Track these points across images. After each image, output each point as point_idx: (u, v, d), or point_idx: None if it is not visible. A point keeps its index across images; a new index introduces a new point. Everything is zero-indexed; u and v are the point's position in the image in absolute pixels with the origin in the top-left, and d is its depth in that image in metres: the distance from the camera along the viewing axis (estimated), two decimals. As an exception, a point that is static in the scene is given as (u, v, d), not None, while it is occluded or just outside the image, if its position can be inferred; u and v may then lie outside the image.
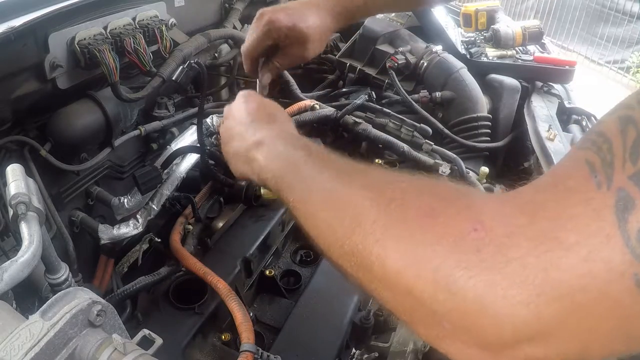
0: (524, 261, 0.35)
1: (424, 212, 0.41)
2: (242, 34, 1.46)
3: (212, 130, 1.46)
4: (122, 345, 0.52)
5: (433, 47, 1.72)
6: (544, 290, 0.34)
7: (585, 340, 0.35)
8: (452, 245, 0.38)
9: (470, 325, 0.38)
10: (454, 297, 0.37)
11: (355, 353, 1.00)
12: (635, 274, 0.31)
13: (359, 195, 0.46)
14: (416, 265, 0.39)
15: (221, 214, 1.28)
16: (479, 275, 0.36)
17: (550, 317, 0.34)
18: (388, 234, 0.42)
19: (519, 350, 0.36)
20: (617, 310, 0.33)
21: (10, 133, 1.04)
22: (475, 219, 0.38)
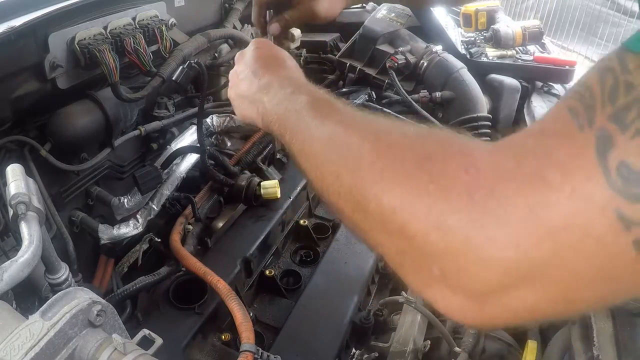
0: (512, 202, 0.35)
1: (421, 156, 0.42)
2: (242, 34, 1.46)
3: (212, 130, 1.46)
4: (122, 345, 0.52)
5: (433, 47, 1.72)
6: (531, 230, 0.34)
7: (571, 283, 0.35)
8: (444, 186, 0.39)
9: (459, 268, 0.38)
10: (444, 237, 0.38)
11: (355, 353, 1.00)
12: (617, 209, 0.32)
13: (359, 139, 0.47)
14: (410, 204, 0.40)
15: (221, 214, 1.28)
16: (469, 216, 0.37)
17: (537, 257, 0.35)
18: (386, 175, 0.43)
19: (505, 297, 0.37)
20: (600, 249, 0.33)
21: (10, 133, 1.04)
22: (468, 162, 0.39)
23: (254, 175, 1.27)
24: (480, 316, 0.39)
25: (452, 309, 0.41)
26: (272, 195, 1.23)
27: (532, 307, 0.37)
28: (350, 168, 0.46)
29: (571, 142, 0.34)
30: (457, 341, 1.02)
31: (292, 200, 1.31)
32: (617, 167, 0.32)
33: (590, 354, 0.91)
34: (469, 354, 0.98)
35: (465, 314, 0.40)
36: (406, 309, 1.10)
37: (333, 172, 0.48)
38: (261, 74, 0.70)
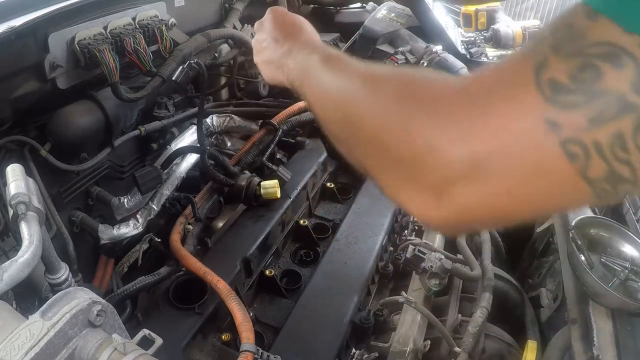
0: (465, 111, 0.44)
1: (401, 86, 0.53)
2: (242, 34, 1.46)
3: (212, 130, 1.46)
4: (122, 345, 0.52)
5: (433, 47, 1.72)
6: (478, 130, 0.43)
7: (511, 177, 0.42)
8: (418, 103, 0.49)
9: (421, 164, 0.47)
10: (410, 141, 0.47)
11: (355, 353, 1.00)
12: (546, 114, 0.39)
13: (358, 80, 0.59)
14: (389, 117, 0.51)
15: (221, 214, 1.28)
16: (431, 121, 0.46)
17: (482, 152, 0.42)
18: (377, 103, 0.54)
19: (458, 190, 0.44)
20: (533, 147, 0.40)
21: (10, 133, 1.04)
22: (438, 82, 0.49)
23: (254, 175, 1.27)
24: (440, 212, 0.47)
25: (418, 207, 0.49)
26: (272, 195, 1.23)
27: (481, 200, 0.44)
28: (345, 99, 0.58)
29: (518, 65, 0.43)
30: (457, 341, 1.02)
31: (292, 200, 1.31)
32: (548, 82, 0.40)
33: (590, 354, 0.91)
34: (469, 354, 0.98)
35: (429, 210, 0.48)
36: (406, 309, 1.10)
37: (333, 103, 0.60)
38: (282, 41, 0.82)
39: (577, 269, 1.01)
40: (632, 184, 0.40)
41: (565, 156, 0.39)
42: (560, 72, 0.39)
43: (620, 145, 0.38)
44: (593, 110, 0.38)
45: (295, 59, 0.76)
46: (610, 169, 0.39)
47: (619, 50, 0.37)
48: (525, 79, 0.41)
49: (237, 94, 1.68)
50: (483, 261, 1.21)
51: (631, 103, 0.37)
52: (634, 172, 0.39)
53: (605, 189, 0.41)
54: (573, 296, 1.05)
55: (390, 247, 1.35)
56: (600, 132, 0.38)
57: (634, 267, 1.01)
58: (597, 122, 0.38)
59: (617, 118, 0.37)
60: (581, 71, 0.38)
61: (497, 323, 1.15)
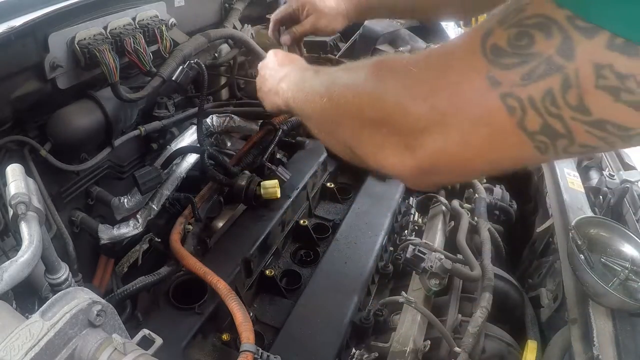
0: (426, 72, 0.53)
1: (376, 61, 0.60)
2: (242, 34, 1.46)
3: (212, 130, 1.46)
4: (122, 345, 0.52)
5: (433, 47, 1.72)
6: (436, 87, 0.50)
7: (465, 126, 0.49)
8: (389, 72, 0.57)
9: (393, 122, 0.55)
10: (383, 101, 0.56)
11: (355, 353, 1.00)
12: (487, 73, 0.46)
13: (341, 71, 0.68)
14: (364, 87, 0.59)
15: (221, 214, 1.28)
16: (399, 83, 0.55)
17: (440, 106, 0.50)
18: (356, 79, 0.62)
19: (426, 141, 0.52)
20: (478, 101, 0.47)
21: (10, 133, 1.04)
22: (406, 57, 0.56)
23: (254, 175, 1.27)
24: (413, 162, 0.54)
25: (394, 162, 0.56)
26: (272, 195, 1.23)
27: (444, 148, 0.51)
28: (329, 86, 0.67)
29: (470, 35, 0.50)
30: (457, 341, 1.02)
31: (292, 200, 1.31)
32: (490, 47, 0.47)
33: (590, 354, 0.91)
34: (469, 354, 0.98)
35: (404, 162, 0.55)
36: (406, 309, 1.10)
37: (320, 96, 0.68)
38: (279, 69, 0.92)
39: (577, 269, 1.01)
40: (568, 139, 0.45)
41: (504, 108, 0.46)
42: (501, 39, 0.46)
43: (551, 100, 0.43)
44: (525, 69, 0.44)
45: (289, 80, 0.84)
46: (544, 122, 0.45)
47: (551, 21, 0.43)
48: (474, 45, 0.48)
49: (237, 94, 1.68)
50: (483, 261, 1.21)
51: (557, 64, 0.42)
52: (566, 126, 0.44)
53: (543, 142, 0.46)
54: (573, 296, 1.05)
55: (390, 247, 1.35)
56: (532, 88, 0.44)
57: (634, 267, 1.01)
58: (529, 79, 0.44)
59: (546, 76, 0.43)
60: (517, 38, 0.45)
61: (497, 323, 1.14)
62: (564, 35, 0.42)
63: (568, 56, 0.42)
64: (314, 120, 0.73)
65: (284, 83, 0.86)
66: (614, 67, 0.40)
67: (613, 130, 0.43)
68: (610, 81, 0.41)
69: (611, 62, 0.40)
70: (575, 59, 0.42)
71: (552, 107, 0.44)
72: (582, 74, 0.42)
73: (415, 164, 0.54)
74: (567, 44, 0.42)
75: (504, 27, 0.46)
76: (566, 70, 0.42)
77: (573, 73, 0.42)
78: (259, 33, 1.72)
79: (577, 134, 0.44)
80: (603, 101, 0.42)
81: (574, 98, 0.43)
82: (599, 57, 0.41)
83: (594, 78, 0.41)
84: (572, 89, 0.42)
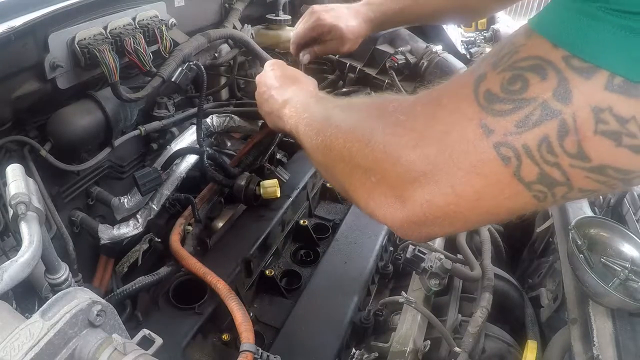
0: (415, 119, 0.50)
1: (367, 104, 0.61)
2: (242, 34, 1.46)
3: (212, 130, 1.46)
4: (122, 345, 0.52)
5: (433, 47, 1.72)
6: (425, 135, 0.49)
7: (455, 176, 0.47)
8: (377, 117, 0.56)
9: (383, 170, 0.53)
10: (371, 149, 0.53)
11: (355, 353, 1.00)
12: (481, 120, 0.44)
13: (336, 108, 0.68)
14: (355, 132, 0.58)
15: (221, 214, 1.28)
16: (388, 130, 0.53)
17: (430, 154, 0.48)
18: (346, 122, 0.61)
19: (415, 192, 0.49)
20: (471, 148, 0.45)
21: (10, 133, 1.04)
22: (395, 102, 0.55)
23: (253, 175, 1.27)
24: (404, 214, 0.52)
25: (385, 212, 0.54)
26: (272, 194, 1.23)
27: (435, 199, 0.49)
28: (324, 124, 0.66)
29: (462, 79, 0.48)
30: (457, 341, 1.02)
31: (292, 200, 1.31)
32: (484, 92, 0.44)
33: (590, 354, 0.91)
34: (469, 354, 0.98)
35: (395, 213, 0.53)
36: (406, 309, 1.10)
37: (315, 132, 0.67)
38: (281, 93, 0.91)
39: (577, 269, 1.01)
40: (567, 186, 0.43)
41: (498, 158, 0.43)
42: (494, 84, 0.44)
43: (548, 148, 0.41)
44: (519, 116, 0.41)
45: (293, 106, 0.83)
46: (541, 171, 0.42)
47: (546, 62, 0.40)
48: (467, 90, 0.46)
49: (237, 94, 1.68)
50: (483, 261, 1.21)
51: (553, 109, 0.40)
52: (565, 174, 0.42)
53: (541, 191, 0.44)
54: (573, 296, 1.05)
55: (390, 247, 1.35)
56: (527, 136, 0.41)
57: (634, 267, 1.01)
58: (523, 126, 0.41)
59: (541, 123, 0.40)
60: (511, 82, 0.42)
61: (497, 323, 1.15)
62: (560, 77, 0.40)
63: (565, 100, 0.39)
64: (311, 155, 0.72)
65: (287, 109, 0.85)
66: (614, 110, 0.38)
67: (614, 174, 0.41)
68: (611, 125, 0.38)
69: (611, 105, 0.38)
70: (572, 102, 0.39)
71: (549, 155, 0.41)
72: (580, 119, 0.39)
73: (406, 216, 0.52)
74: (564, 87, 0.39)
75: (497, 71, 0.44)
76: (563, 115, 0.39)
77: (570, 118, 0.39)
78: (259, 33, 1.72)
79: (575, 180, 0.42)
80: (603, 147, 0.39)
81: (572, 145, 0.40)
82: (597, 99, 0.38)
83: (593, 123, 0.39)
84: (569, 135, 0.40)
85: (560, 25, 0.40)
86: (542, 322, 1.19)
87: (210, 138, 1.52)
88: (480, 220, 0.53)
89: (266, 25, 1.75)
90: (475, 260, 1.21)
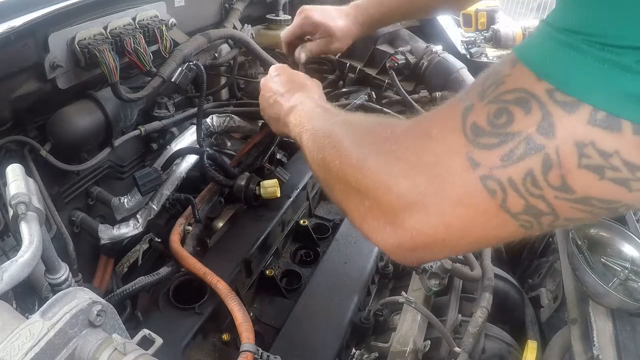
0: (406, 150, 0.51)
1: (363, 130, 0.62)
2: (242, 34, 1.46)
3: (212, 130, 1.46)
4: (122, 345, 0.52)
5: (433, 47, 1.72)
6: (415, 166, 0.50)
7: (443, 206, 0.48)
8: (371, 143, 0.57)
9: (375, 197, 0.54)
10: (365, 175, 0.55)
11: (355, 353, 1.00)
12: (467, 153, 0.45)
13: (335, 125, 0.68)
14: (350, 158, 0.59)
15: (221, 214, 1.28)
16: (380, 158, 0.54)
17: (419, 184, 0.49)
18: (343, 147, 0.62)
19: (406, 220, 0.51)
20: (458, 180, 0.46)
21: (10, 133, 1.04)
22: (389, 127, 0.56)
23: (253, 175, 1.27)
24: (396, 239, 0.53)
25: (378, 236, 0.55)
26: (272, 194, 1.23)
27: (425, 228, 0.50)
28: (324, 143, 0.67)
29: (451, 109, 0.49)
30: (457, 341, 1.02)
31: (292, 200, 1.31)
32: (471, 125, 0.45)
33: (590, 354, 0.91)
34: (469, 354, 0.98)
35: (388, 239, 0.54)
36: (406, 309, 1.10)
37: (318, 150, 0.69)
38: (286, 99, 0.92)
39: (577, 269, 1.01)
40: (553, 216, 0.43)
41: (485, 191, 0.44)
42: (480, 117, 0.44)
43: (532, 181, 0.41)
44: (504, 150, 0.42)
45: (298, 115, 0.84)
46: (527, 203, 0.43)
47: (530, 95, 0.41)
48: (455, 122, 0.46)
49: (237, 94, 1.68)
50: (483, 261, 1.21)
51: (537, 143, 0.40)
52: (550, 205, 0.42)
53: (528, 221, 0.45)
54: (573, 296, 1.05)
55: (390, 247, 1.35)
56: (512, 170, 0.42)
57: (634, 267, 1.01)
58: (508, 160, 0.42)
59: (525, 157, 0.41)
60: (497, 116, 0.43)
61: (497, 323, 1.14)
62: (544, 111, 0.40)
63: (548, 134, 0.40)
64: (312, 168, 0.73)
65: (292, 117, 0.86)
66: (597, 144, 0.38)
67: (599, 204, 0.41)
68: (594, 160, 0.39)
69: (594, 140, 0.38)
70: (555, 136, 0.40)
71: (534, 188, 0.42)
72: (563, 153, 0.39)
73: (397, 241, 0.53)
74: (547, 121, 0.40)
75: (484, 103, 0.45)
76: (547, 149, 0.40)
77: (554, 153, 0.40)
78: (259, 33, 1.72)
79: (561, 211, 0.43)
80: (587, 180, 0.40)
81: (555, 178, 0.41)
82: (580, 134, 0.38)
83: (576, 157, 0.39)
84: (553, 169, 0.40)
85: (545, 56, 0.41)
86: (542, 322, 1.19)
87: (210, 138, 1.52)
88: (470, 248, 0.57)
89: (266, 25, 1.75)
90: (475, 260, 1.20)
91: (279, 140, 1.42)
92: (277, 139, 1.41)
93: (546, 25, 0.42)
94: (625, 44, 0.36)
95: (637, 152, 0.37)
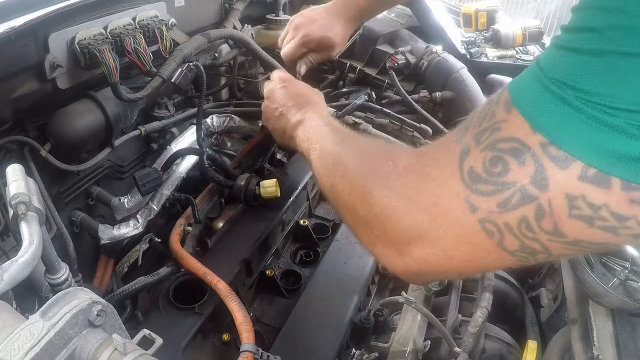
0: (408, 187, 0.55)
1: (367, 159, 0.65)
2: (242, 34, 1.46)
3: (212, 130, 1.46)
4: (122, 345, 0.52)
5: (433, 47, 1.72)
6: (418, 205, 0.53)
7: (445, 242, 0.51)
8: (375, 172, 0.60)
9: (382, 227, 0.57)
10: (371, 207, 0.58)
11: (355, 353, 1.00)
12: (466, 197, 0.48)
13: (343, 151, 0.72)
14: (356, 189, 0.63)
15: (221, 214, 1.28)
16: (384, 193, 0.57)
17: (422, 221, 0.52)
18: (350, 179, 0.65)
19: (411, 250, 0.54)
20: (457, 222, 0.49)
21: (10, 133, 1.04)
22: (391, 159, 0.59)
23: (253, 175, 1.27)
24: (404, 265, 0.56)
25: (387, 260, 0.59)
26: (272, 194, 1.22)
27: (429, 258, 0.53)
28: (334, 173, 0.70)
29: (449, 149, 0.51)
30: (457, 341, 1.02)
31: (292, 200, 1.31)
32: (468, 170, 0.48)
33: (590, 354, 0.91)
34: (469, 354, 0.98)
35: (396, 263, 0.57)
36: (406, 309, 1.10)
37: (327, 174, 0.72)
38: (293, 113, 0.93)
39: (577, 269, 1.01)
40: (547, 254, 0.47)
41: (483, 231, 0.47)
42: (477, 163, 0.47)
43: (527, 226, 0.45)
44: (500, 198, 0.45)
45: (305, 130, 0.86)
46: (522, 243, 0.46)
47: (524, 148, 0.43)
48: (452, 164, 0.49)
49: (237, 94, 1.68)
50: (483, 261, 1.21)
51: (531, 194, 0.43)
52: (544, 246, 0.46)
53: (524, 256, 0.48)
54: (573, 296, 1.05)
55: (390, 247, 1.35)
56: (508, 216, 0.45)
57: (634, 267, 1.01)
58: (504, 207, 0.45)
59: (520, 205, 0.44)
60: (492, 164, 0.45)
61: (497, 323, 1.15)
62: (538, 164, 0.42)
63: (541, 187, 0.43)
64: (322, 189, 0.76)
65: (299, 131, 0.88)
66: (587, 198, 0.41)
67: (589, 246, 0.45)
68: (584, 211, 0.41)
69: (584, 194, 0.41)
70: (548, 189, 0.42)
71: (528, 232, 0.45)
72: (555, 205, 0.42)
73: (405, 267, 0.57)
74: (541, 174, 0.42)
75: (480, 148, 0.47)
76: (540, 200, 0.43)
77: (546, 203, 0.43)
78: (259, 33, 1.72)
79: (554, 250, 0.46)
80: (577, 227, 0.43)
81: (548, 225, 0.44)
82: (571, 188, 0.41)
83: (567, 208, 0.42)
84: (546, 217, 0.43)
85: (540, 108, 0.43)
86: (542, 322, 1.19)
87: (210, 138, 1.52)
88: (473, 273, 0.64)
89: (266, 25, 1.75)
90: (475, 260, 1.21)
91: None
92: (277, 139, 1.41)
93: (540, 71, 0.43)
94: (618, 105, 0.38)
95: (624, 205, 0.40)
